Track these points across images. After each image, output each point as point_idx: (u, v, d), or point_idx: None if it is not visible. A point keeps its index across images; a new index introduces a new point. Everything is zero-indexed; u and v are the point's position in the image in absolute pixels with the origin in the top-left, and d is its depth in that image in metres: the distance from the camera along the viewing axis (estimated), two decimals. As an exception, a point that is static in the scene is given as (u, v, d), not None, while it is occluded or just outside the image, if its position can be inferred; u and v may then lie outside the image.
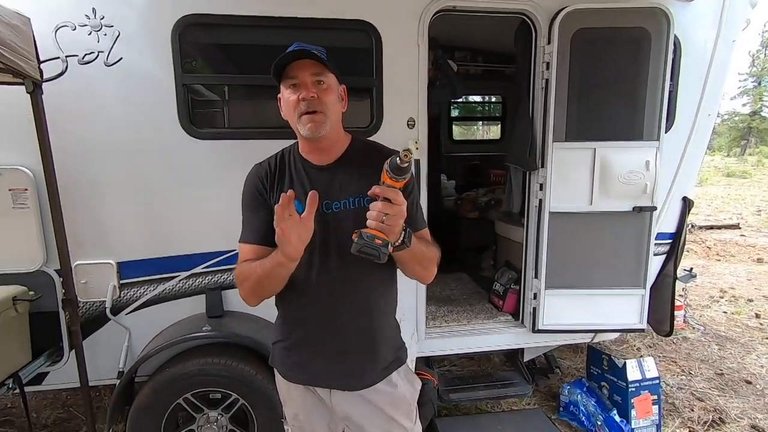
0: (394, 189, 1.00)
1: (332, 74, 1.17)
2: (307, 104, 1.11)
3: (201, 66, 2.13)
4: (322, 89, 1.14)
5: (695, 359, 3.41)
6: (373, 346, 1.24)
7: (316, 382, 1.26)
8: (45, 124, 1.81)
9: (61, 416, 2.76)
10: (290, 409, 1.34)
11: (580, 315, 2.42)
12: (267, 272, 1.09)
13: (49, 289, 2.06)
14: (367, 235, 1.00)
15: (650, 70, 2.22)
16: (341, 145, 1.23)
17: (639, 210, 2.30)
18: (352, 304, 1.20)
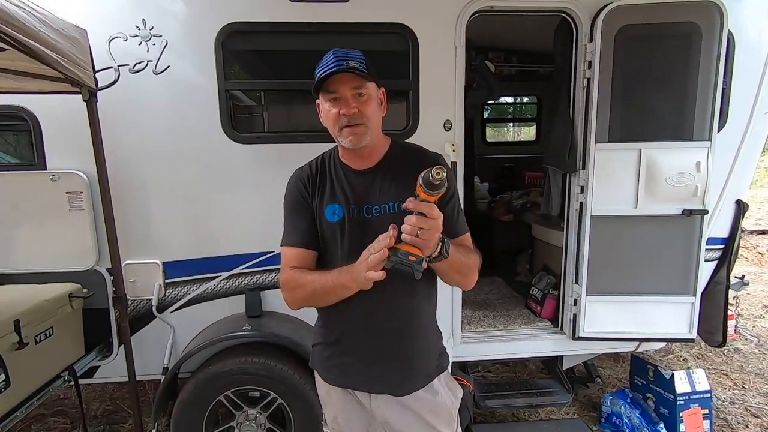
0: (429, 203, 0.97)
1: (372, 82, 1.16)
2: (348, 119, 1.12)
3: (242, 72, 2.19)
4: (362, 101, 1.13)
5: (749, 372, 3.20)
6: (414, 352, 1.23)
7: (356, 385, 1.26)
8: (99, 131, 1.91)
9: (109, 408, 2.90)
10: (330, 412, 1.34)
11: (624, 323, 2.32)
12: (327, 289, 1.12)
13: (101, 286, 2.17)
14: (401, 252, 0.98)
15: (701, 67, 2.11)
16: (381, 149, 1.23)
17: (689, 213, 2.18)
18: (392, 309, 1.20)
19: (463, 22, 2.13)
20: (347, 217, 1.19)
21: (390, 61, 2.24)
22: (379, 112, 1.19)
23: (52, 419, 2.76)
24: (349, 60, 1.12)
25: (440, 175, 0.92)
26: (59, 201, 2.06)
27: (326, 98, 1.16)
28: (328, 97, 1.15)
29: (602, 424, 2.56)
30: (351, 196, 1.20)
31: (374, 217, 1.18)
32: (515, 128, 9.48)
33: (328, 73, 1.10)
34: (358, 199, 1.19)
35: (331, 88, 1.13)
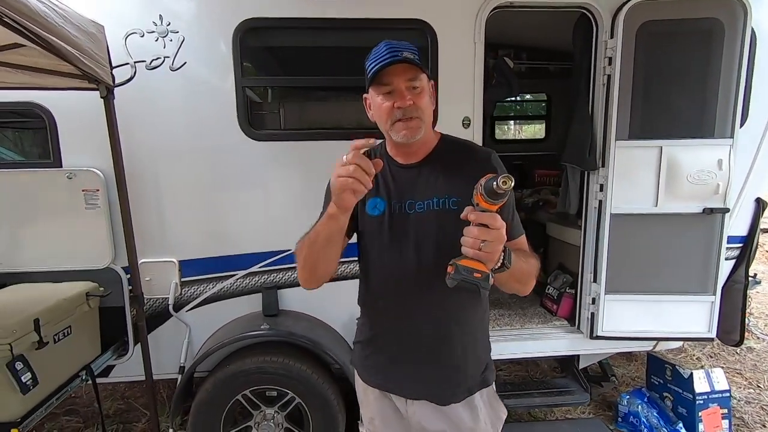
0: (491, 213, 0.89)
1: (424, 74, 1.11)
2: (403, 112, 1.07)
3: (260, 69, 2.16)
4: (416, 94, 1.08)
5: (763, 371, 3.19)
6: (453, 361, 1.17)
7: (393, 389, 1.22)
8: (116, 128, 1.89)
9: (121, 407, 2.88)
10: (366, 412, 1.31)
11: (643, 322, 2.30)
12: (317, 232, 1.04)
13: (116, 285, 2.15)
14: (464, 268, 0.90)
15: (723, 64, 2.09)
16: (430, 144, 1.18)
17: (710, 211, 2.16)
18: (433, 314, 1.14)
19: (482, 18, 2.11)
20: (388, 212, 1.15)
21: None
22: (430, 105, 1.13)
23: (64, 418, 2.75)
24: (402, 51, 1.07)
25: (507, 185, 0.83)
26: (75, 199, 2.04)
27: (379, 91, 1.10)
28: (381, 90, 1.10)
29: (619, 423, 2.55)
30: (394, 190, 1.15)
31: (416, 213, 1.14)
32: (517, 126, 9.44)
33: (384, 64, 1.04)
34: (400, 194, 1.15)
35: (385, 81, 1.08)
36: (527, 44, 4.07)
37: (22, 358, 1.64)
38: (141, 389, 3.06)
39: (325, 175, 2.21)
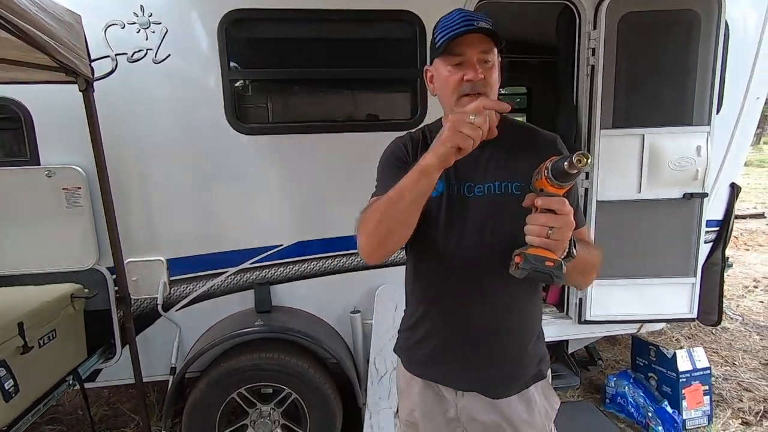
0: (559, 197, 0.82)
1: (497, 49, 1.01)
2: (472, 86, 0.99)
3: (247, 61, 2.12)
4: (488, 68, 0.99)
5: (737, 349, 3.34)
6: (509, 354, 1.11)
7: (442, 380, 1.14)
8: (97, 123, 1.82)
9: (107, 413, 2.79)
10: (406, 404, 1.22)
11: (629, 305, 2.38)
12: (401, 192, 0.90)
13: (102, 286, 2.08)
14: (534, 257, 0.83)
15: (700, 54, 2.17)
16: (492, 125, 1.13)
17: (690, 197, 2.25)
18: (490, 302, 1.07)
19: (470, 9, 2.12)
20: (446, 194, 1.06)
21: (396, 49, 2.21)
22: (498, 81, 1.04)
23: (47, 427, 2.65)
24: (478, 20, 0.97)
25: (582, 162, 0.75)
26: (56, 198, 1.96)
27: (447, 62, 1.01)
28: (450, 61, 1.00)
29: (607, 404, 2.62)
30: (453, 171, 1.04)
31: (475, 197, 1.05)
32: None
33: (458, 33, 0.96)
34: (459, 176, 1.06)
35: (457, 51, 0.98)
36: (508, 38, 4.11)
37: (4, 363, 1.56)
38: (127, 394, 2.97)
39: (315, 168, 2.20)
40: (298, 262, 2.21)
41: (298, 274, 2.23)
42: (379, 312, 2.23)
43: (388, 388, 2.18)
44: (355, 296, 2.28)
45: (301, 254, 2.22)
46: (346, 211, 2.24)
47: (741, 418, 2.54)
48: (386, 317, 2.24)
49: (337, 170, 2.19)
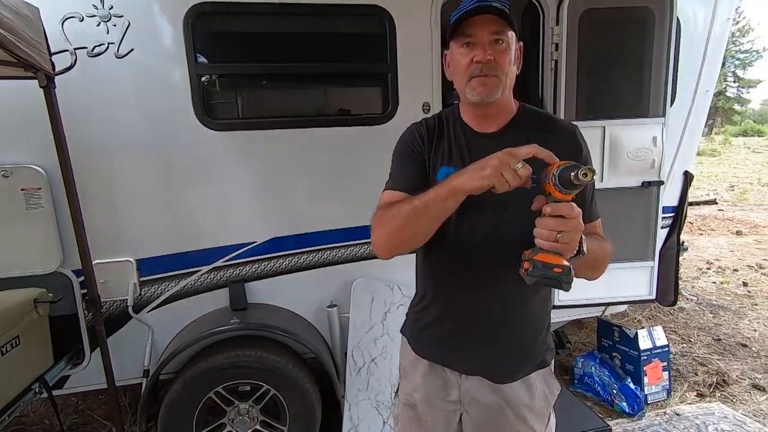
0: (567, 203, 0.82)
1: (513, 31, 1.00)
2: (481, 67, 0.98)
3: (215, 55, 2.08)
4: (500, 49, 0.99)
5: (693, 327, 3.57)
6: (516, 341, 1.12)
7: (452, 364, 1.15)
8: (59, 120, 1.75)
9: (76, 421, 2.70)
10: (408, 384, 1.24)
11: (594, 289, 2.48)
12: (428, 205, 0.92)
13: (67, 290, 2.01)
14: (542, 264, 0.83)
15: (654, 49, 2.29)
16: (509, 112, 1.08)
17: (647, 185, 2.38)
18: (501, 291, 1.08)
19: (438, 5, 2.16)
20: None
21: (367, 44, 2.22)
22: (512, 66, 1.03)
23: (12, 439, 2.54)
24: (492, 0, 0.96)
25: (587, 177, 0.76)
26: (14, 199, 1.87)
27: (459, 43, 1.01)
28: (461, 41, 1.00)
29: (575, 385, 2.75)
30: (469, 160, 0.99)
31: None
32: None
33: (467, 12, 0.96)
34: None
35: (468, 32, 0.98)
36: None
37: (-34, 373, 1.50)
38: (97, 400, 2.89)
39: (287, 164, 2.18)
40: (272, 258, 2.20)
41: (273, 271, 2.23)
42: (355, 305, 2.25)
43: (367, 380, 2.22)
44: (332, 290, 2.29)
45: (276, 251, 2.21)
46: (319, 206, 2.26)
47: (696, 390, 2.72)
48: (363, 310, 2.27)
49: (309, 165, 2.19)
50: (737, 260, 5.20)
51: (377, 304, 2.29)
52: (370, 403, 2.20)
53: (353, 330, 2.24)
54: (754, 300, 4.06)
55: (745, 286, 4.38)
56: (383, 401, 2.22)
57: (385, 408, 2.23)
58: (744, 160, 17.66)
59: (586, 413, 2.23)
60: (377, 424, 2.19)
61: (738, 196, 9.59)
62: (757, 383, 2.76)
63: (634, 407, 2.45)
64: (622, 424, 2.40)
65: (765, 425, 2.37)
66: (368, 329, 2.27)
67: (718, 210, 8.15)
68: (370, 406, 2.20)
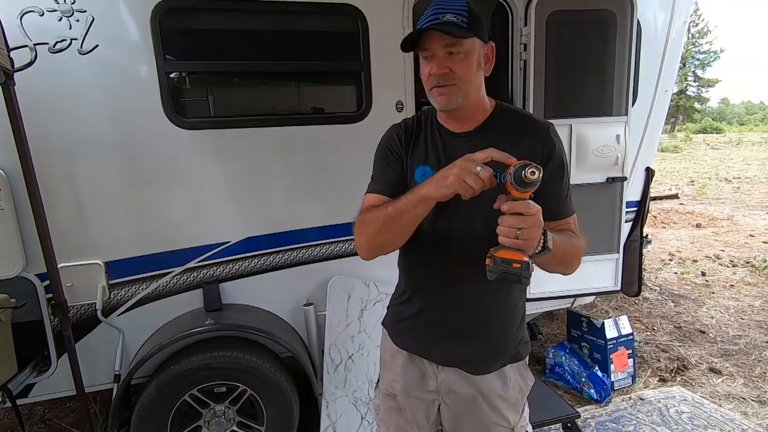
0: (524, 202, 0.87)
1: (470, 39, 1.02)
2: (438, 79, 1.03)
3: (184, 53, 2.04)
4: (457, 60, 1.01)
5: (656, 316, 3.74)
6: (491, 333, 1.16)
7: (425, 354, 1.19)
8: (20, 118, 1.68)
9: (42, 431, 2.61)
10: (387, 375, 1.28)
11: (564, 282, 2.58)
12: (401, 212, 0.98)
13: (31, 295, 1.94)
14: (502, 261, 0.86)
15: (617, 50, 2.38)
16: (481, 113, 1.11)
17: (612, 181, 2.48)
18: (475, 286, 1.09)
19: (410, 5, 2.18)
20: None
21: (340, 42, 2.23)
22: (479, 72, 1.06)
23: (-28, 452, 2.43)
24: (447, 13, 0.99)
25: (534, 175, 0.82)
26: (-29, 202, 1.79)
27: (422, 55, 1.05)
28: (422, 54, 1.05)
29: (547, 374, 2.85)
30: (444, 160, 1.07)
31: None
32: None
33: (421, 29, 0.99)
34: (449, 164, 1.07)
35: (424, 45, 1.02)
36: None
37: None
38: (64, 408, 2.79)
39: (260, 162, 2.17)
40: (247, 258, 2.19)
41: (247, 271, 2.21)
42: (332, 303, 2.26)
43: (344, 377, 2.23)
44: (308, 289, 2.30)
45: (250, 250, 2.19)
46: (294, 204, 2.26)
47: (659, 375, 2.87)
48: (339, 307, 2.28)
49: (283, 164, 2.18)
50: (697, 251, 5.48)
51: (354, 302, 2.31)
52: (347, 399, 2.22)
53: (330, 328, 2.25)
54: (711, 289, 4.29)
55: (703, 276, 4.62)
56: (361, 397, 2.25)
57: (362, 404, 2.25)
58: (703, 156, 18.56)
59: (557, 401, 2.32)
60: (355, 420, 2.22)
61: (698, 190, 10.08)
62: (714, 367, 2.93)
63: (601, 394, 2.56)
64: (591, 411, 2.50)
65: (721, 406, 2.52)
66: (345, 326, 2.28)
67: (679, 204, 8.54)
68: (347, 403, 2.22)
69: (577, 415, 2.21)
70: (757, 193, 9.63)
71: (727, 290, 4.24)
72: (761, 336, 3.34)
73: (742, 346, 3.21)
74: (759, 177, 11.87)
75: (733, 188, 10.31)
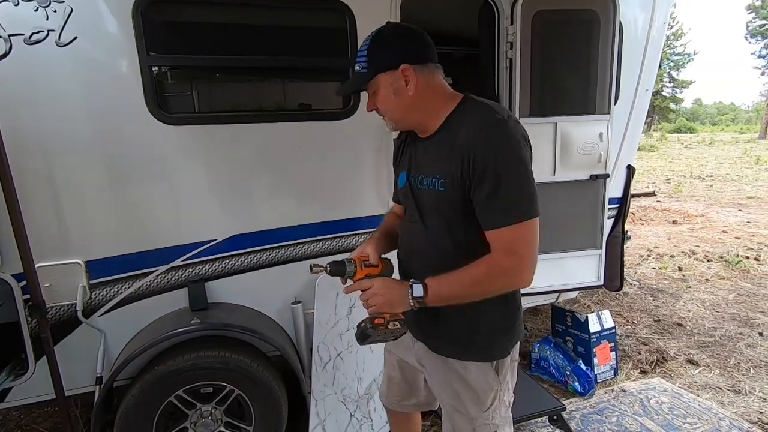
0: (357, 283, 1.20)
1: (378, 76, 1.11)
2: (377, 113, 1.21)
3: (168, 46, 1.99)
4: (377, 98, 1.15)
5: (636, 310, 3.84)
6: (442, 320, 1.19)
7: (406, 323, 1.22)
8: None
9: (19, 437, 2.53)
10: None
11: (548, 278, 2.63)
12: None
13: (6, 296, 1.87)
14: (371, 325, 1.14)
15: (600, 50, 2.43)
16: (439, 118, 1.14)
17: (595, 178, 2.53)
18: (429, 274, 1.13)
19: (397, 2, 2.18)
20: (407, 185, 1.23)
21: (327, 38, 2.21)
22: (399, 98, 1.11)
23: (-56, 460, 2.34)
24: (356, 62, 1.14)
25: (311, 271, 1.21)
26: (-58, 199, 1.71)
27: None
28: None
29: (532, 369, 2.90)
30: (413, 164, 1.22)
31: (422, 190, 1.17)
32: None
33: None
34: (415, 168, 1.22)
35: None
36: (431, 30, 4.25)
37: None
38: (42, 413, 2.71)
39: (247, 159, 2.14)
40: (234, 256, 2.15)
41: (234, 269, 2.18)
42: (320, 300, 2.24)
43: (333, 375, 2.22)
44: (296, 287, 2.27)
45: (237, 248, 2.16)
46: (281, 202, 2.23)
47: (640, 367, 2.94)
48: (328, 305, 2.27)
49: (270, 161, 2.16)
50: (673, 247, 5.65)
51: (342, 299, 2.30)
52: (336, 397, 2.21)
53: (318, 326, 2.24)
54: (688, 283, 4.43)
55: (680, 271, 4.77)
56: (350, 395, 2.24)
57: (351, 402, 2.24)
58: (678, 155, 19.12)
59: (543, 395, 2.35)
60: (344, 418, 2.21)
61: (674, 188, 10.38)
62: (691, 358, 3.03)
63: (585, 387, 2.61)
64: (575, 403, 2.55)
65: (698, 395, 2.61)
66: (333, 324, 2.27)
67: (656, 201, 8.79)
68: (336, 401, 2.21)
69: (562, 408, 2.26)
70: (729, 190, 9.97)
71: (702, 284, 4.38)
72: (735, 328, 3.46)
73: (718, 337, 3.32)
74: (730, 175, 12.30)
75: (707, 186, 10.66)
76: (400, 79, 1.10)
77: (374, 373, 2.29)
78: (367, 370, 2.28)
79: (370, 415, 2.27)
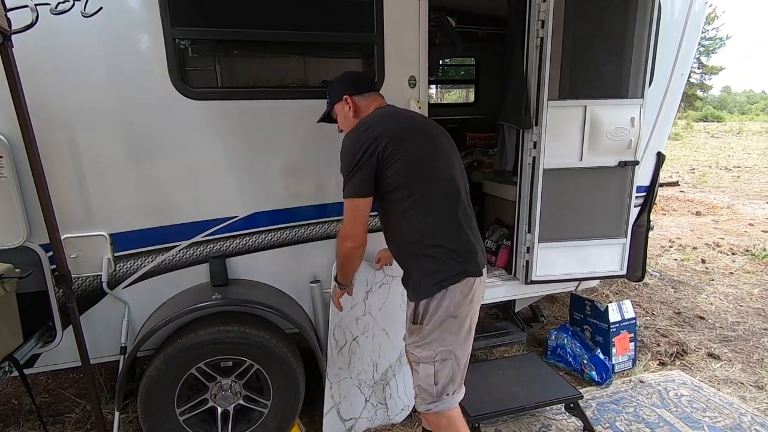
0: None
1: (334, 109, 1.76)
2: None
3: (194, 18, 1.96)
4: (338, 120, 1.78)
5: (656, 301, 3.77)
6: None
7: None
8: (19, 83, 1.62)
9: (47, 400, 2.62)
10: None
11: (570, 265, 2.59)
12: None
13: (36, 265, 1.91)
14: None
15: (636, 30, 2.32)
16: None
17: (624, 164, 2.45)
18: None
19: (425, -24, 2.10)
20: None
21: (353, 13, 2.15)
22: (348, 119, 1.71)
23: (-23, 420, 2.44)
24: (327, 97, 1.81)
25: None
26: (-28, 168, 1.74)
27: None
28: None
29: (548, 356, 2.88)
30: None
31: None
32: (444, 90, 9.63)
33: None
34: None
35: None
36: (455, 8, 4.12)
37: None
38: (68, 378, 2.81)
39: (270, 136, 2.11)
40: (254, 233, 2.16)
41: (254, 246, 2.18)
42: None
43: (348, 359, 2.23)
44: (315, 266, 2.28)
45: (258, 225, 2.16)
46: (303, 180, 2.22)
47: (659, 359, 2.90)
48: (346, 286, 2.26)
49: (293, 138, 2.13)
50: (696, 239, 5.50)
51: (359, 283, 2.28)
52: (351, 381, 2.23)
53: (334, 309, 2.24)
54: (711, 276, 4.32)
55: (703, 263, 4.65)
56: (365, 380, 2.25)
57: (367, 386, 2.26)
58: (704, 145, 18.50)
59: (560, 382, 2.33)
60: (359, 402, 2.23)
61: (698, 178, 10.08)
62: (713, 352, 2.97)
63: (602, 376, 2.59)
64: (592, 392, 2.53)
65: (719, 390, 2.56)
66: (350, 308, 2.26)
67: (679, 192, 8.55)
68: (351, 385, 2.23)
69: (579, 396, 2.24)
70: (756, 182, 9.64)
71: (726, 278, 4.27)
72: (759, 323, 3.37)
73: (741, 332, 3.24)
74: (759, 166, 11.87)
75: (733, 177, 10.32)
76: (347, 106, 1.70)
77: (390, 359, 2.29)
78: (383, 356, 2.28)
79: (386, 401, 2.29)
